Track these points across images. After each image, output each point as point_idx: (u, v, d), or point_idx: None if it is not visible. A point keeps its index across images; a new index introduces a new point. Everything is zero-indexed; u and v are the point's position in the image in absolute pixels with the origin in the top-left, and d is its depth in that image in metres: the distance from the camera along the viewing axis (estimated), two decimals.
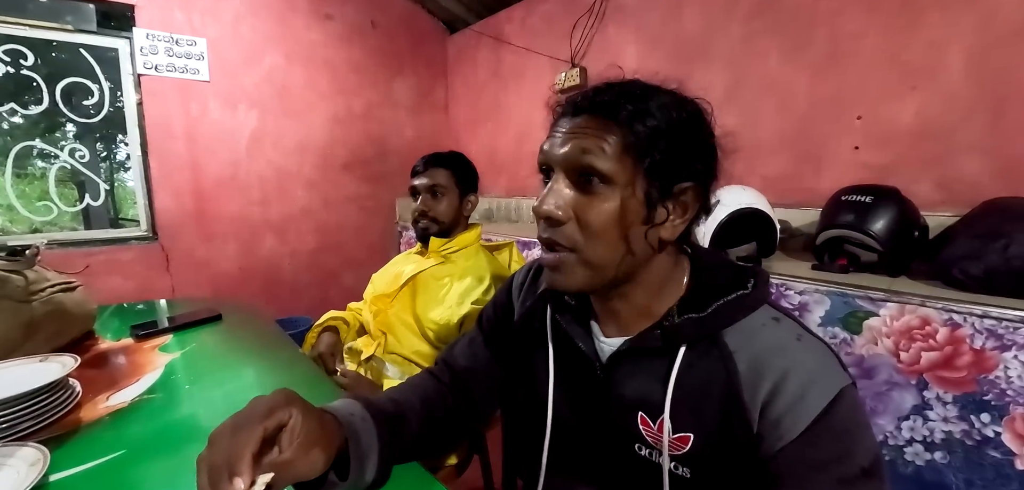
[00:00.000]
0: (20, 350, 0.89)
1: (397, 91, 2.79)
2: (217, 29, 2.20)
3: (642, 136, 0.47)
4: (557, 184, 0.50)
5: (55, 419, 0.71)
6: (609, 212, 0.48)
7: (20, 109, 1.87)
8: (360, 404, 0.53)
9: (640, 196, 0.48)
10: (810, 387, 0.44)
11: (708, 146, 0.50)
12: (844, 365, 0.47)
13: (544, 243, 0.52)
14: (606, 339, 0.55)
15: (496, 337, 0.70)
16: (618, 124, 0.47)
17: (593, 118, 0.49)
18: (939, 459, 0.96)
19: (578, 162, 0.48)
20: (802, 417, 0.43)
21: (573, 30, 2.18)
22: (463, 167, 1.21)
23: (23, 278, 0.94)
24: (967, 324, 0.91)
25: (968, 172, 1.24)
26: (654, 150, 0.47)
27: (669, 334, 0.50)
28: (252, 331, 1.23)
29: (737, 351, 0.48)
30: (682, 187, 0.49)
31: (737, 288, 0.50)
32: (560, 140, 0.50)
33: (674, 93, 0.50)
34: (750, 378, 0.46)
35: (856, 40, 1.41)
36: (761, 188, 1.40)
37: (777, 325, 0.49)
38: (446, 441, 0.67)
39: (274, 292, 2.46)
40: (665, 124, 0.47)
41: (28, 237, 1.91)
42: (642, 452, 0.52)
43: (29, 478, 0.55)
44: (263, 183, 2.40)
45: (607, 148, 0.47)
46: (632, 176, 0.47)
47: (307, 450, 0.41)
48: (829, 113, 1.48)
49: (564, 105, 0.53)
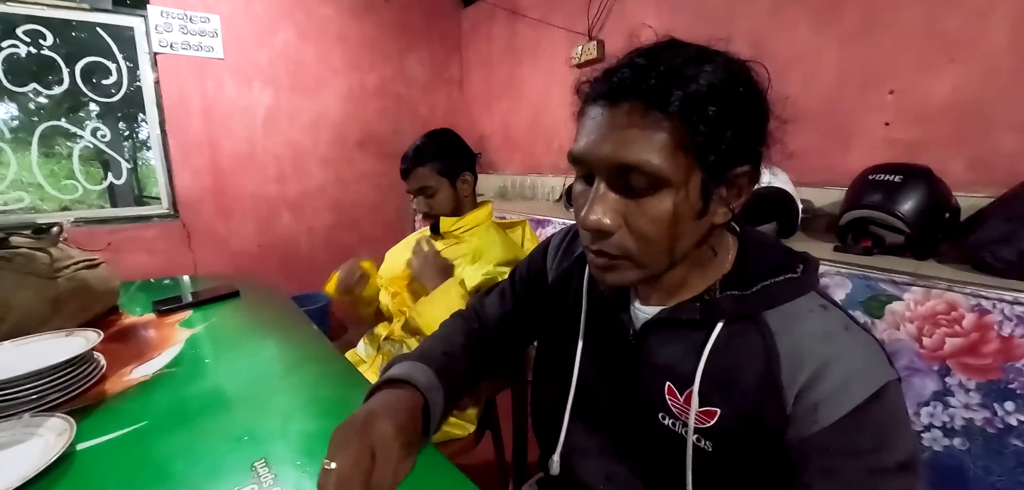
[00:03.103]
0: (46, 325, 0.92)
1: (411, 66, 2.76)
2: (229, 5, 2.20)
3: (698, 128, 0.41)
4: (601, 190, 0.45)
5: (81, 391, 0.74)
6: (664, 215, 0.44)
7: (43, 90, 1.91)
8: (431, 371, 0.59)
9: (696, 191, 0.44)
10: (854, 378, 0.42)
11: (762, 123, 0.47)
12: (891, 360, 0.45)
13: (592, 252, 0.49)
14: (642, 306, 0.54)
15: (527, 295, 0.71)
16: (667, 116, 0.41)
17: (636, 106, 0.42)
18: (958, 445, 0.93)
19: (625, 164, 0.43)
20: (842, 405, 0.42)
21: (590, 1, 2.11)
22: (447, 152, 1.15)
23: (48, 256, 0.97)
24: (996, 310, 0.88)
25: (1006, 151, 1.17)
26: (707, 142, 0.42)
27: (708, 308, 0.49)
28: (270, 307, 1.25)
29: (779, 333, 0.46)
30: (738, 171, 0.45)
31: (785, 272, 0.49)
32: (599, 136, 0.44)
33: (725, 59, 0.45)
34: (790, 361, 0.44)
35: (892, 9, 1.33)
36: (784, 165, 1.35)
37: (825, 312, 0.47)
38: (483, 376, 0.72)
39: (292, 269, 2.50)
40: (721, 108, 0.42)
41: (57, 215, 1.97)
42: (665, 422, 0.52)
43: (57, 447, 0.58)
44: (279, 161, 2.43)
45: (658, 145, 0.41)
46: (687, 173, 0.43)
47: (410, 452, 0.52)
48: (859, 87, 1.41)
49: (596, 86, 0.46)
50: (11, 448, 0.60)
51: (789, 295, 0.47)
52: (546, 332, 0.67)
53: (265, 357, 0.95)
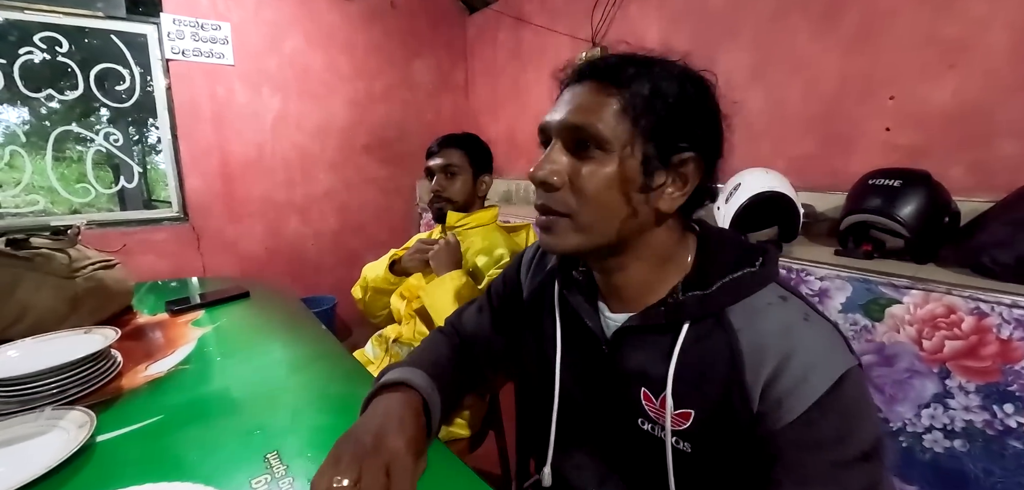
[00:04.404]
0: (65, 323, 0.95)
1: (416, 73, 2.79)
2: (240, 13, 2.24)
3: (641, 96, 0.46)
4: (553, 150, 0.50)
5: (99, 386, 0.77)
6: (605, 176, 0.47)
7: (57, 95, 1.95)
8: (427, 377, 0.61)
9: (637, 160, 0.47)
10: (813, 369, 0.43)
11: (711, 118, 0.49)
12: (851, 347, 0.46)
13: (538, 209, 0.52)
14: (612, 315, 0.56)
15: (503, 310, 0.72)
16: (618, 87, 0.47)
17: (593, 83, 0.49)
18: (958, 447, 0.94)
19: (574, 126, 0.48)
20: (804, 398, 0.43)
21: (594, 8, 2.13)
22: (477, 148, 1.22)
23: (67, 256, 1.00)
24: (995, 313, 0.89)
25: (1006, 156, 1.18)
26: (653, 110, 0.46)
27: (673, 311, 0.50)
28: (279, 308, 1.28)
29: (741, 329, 0.47)
30: (682, 157, 0.48)
31: (744, 266, 0.50)
32: (559, 107, 0.50)
33: (680, 64, 0.50)
34: (753, 358, 0.46)
35: (891, 16, 1.34)
36: (786, 170, 1.37)
37: (784, 304, 0.48)
38: (468, 389, 0.73)
39: (299, 272, 2.53)
40: (666, 88, 0.47)
41: (69, 218, 2.01)
42: (644, 426, 0.53)
43: (78, 438, 0.60)
44: (287, 165, 2.46)
45: (604, 111, 0.47)
46: (630, 138, 0.47)
47: (421, 457, 0.54)
48: (860, 93, 1.43)
49: (567, 74, 0.53)
50: (35, 439, 0.63)
51: (749, 289, 0.49)
52: (526, 346, 0.67)
53: (275, 355, 0.97)
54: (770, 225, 1.35)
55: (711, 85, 0.50)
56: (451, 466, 0.59)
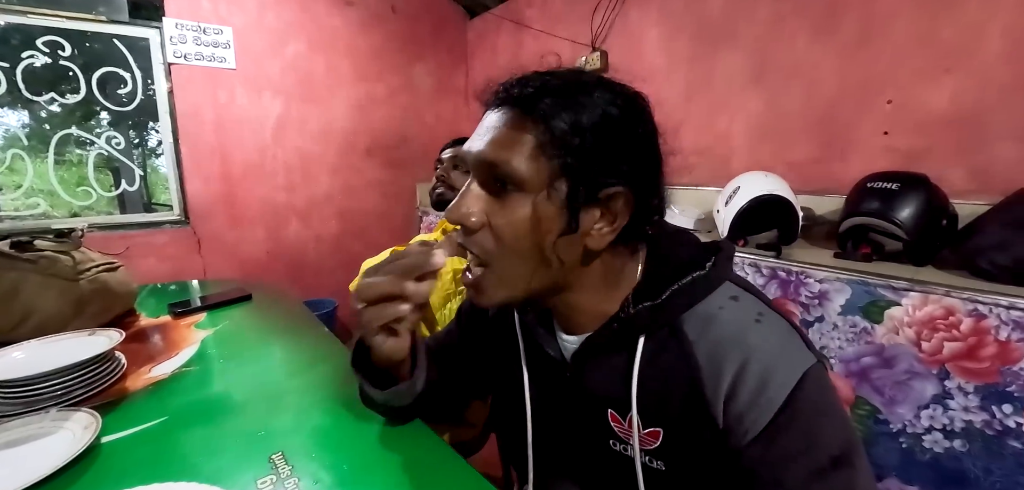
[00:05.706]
0: (69, 325, 0.95)
1: (417, 77, 2.80)
2: (242, 18, 2.25)
3: (559, 132, 0.42)
4: (471, 186, 0.47)
5: (104, 387, 0.77)
6: (521, 220, 0.43)
7: (59, 98, 1.96)
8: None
9: (558, 202, 0.43)
10: (771, 376, 0.41)
11: (641, 145, 0.45)
12: (809, 343, 0.44)
13: (461, 248, 0.50)
14: (568, 338, 0.53)
15: (471, 331, 0.69)
16: (534, 120, 0.43)
17: (511, 112, 0.45)
18: (958, 447, 0.94)
19: (488, 163, 0.44)
20: (765, 410, 0.41)
21: (594, 13, 2.15)
22: None
23: (71, 259, 1.01)
24: (992, 315, 0.89)
25: (1003, 159, 1.19)
26: (572, 148, 0.42)
27: (624, 325, 0.47)
28: (281, 310, 1.28)
29: (696, 341, 0.45)
30: (610, 192, 0.43)
31: (694, 269, 0.47)
32: (476, 136, 0.47)
33: (607, 84, 0.45)
34: (710, 371, 0.44)
35: (888, 21, 1.36)
36: (785, 174, 1.38)
37: (736, 305, 0.46)
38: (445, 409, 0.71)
39: (299, 275, 2.54)
40: (587, 118, 0.42)
41: (69, 221, 2.01)
42: (615, 447, 0.51)
43: (84, 439, 0.60)
44: (288, 169, 2.47)
45: (520, 148, 0.43)
46: (548, 179, 0.43)
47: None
48: (858, 97, 1.44)
49: (487, 95, 0.49)
50: (40, 440, 0.63)
51: (700, 294, 0.46)
52: (495, 367, 0.65)
53: (278, 357, 0.97)
54: (769, 228, 1.36)
55: (643, 107, 0.46)
56: (455, 465, 0.59)
